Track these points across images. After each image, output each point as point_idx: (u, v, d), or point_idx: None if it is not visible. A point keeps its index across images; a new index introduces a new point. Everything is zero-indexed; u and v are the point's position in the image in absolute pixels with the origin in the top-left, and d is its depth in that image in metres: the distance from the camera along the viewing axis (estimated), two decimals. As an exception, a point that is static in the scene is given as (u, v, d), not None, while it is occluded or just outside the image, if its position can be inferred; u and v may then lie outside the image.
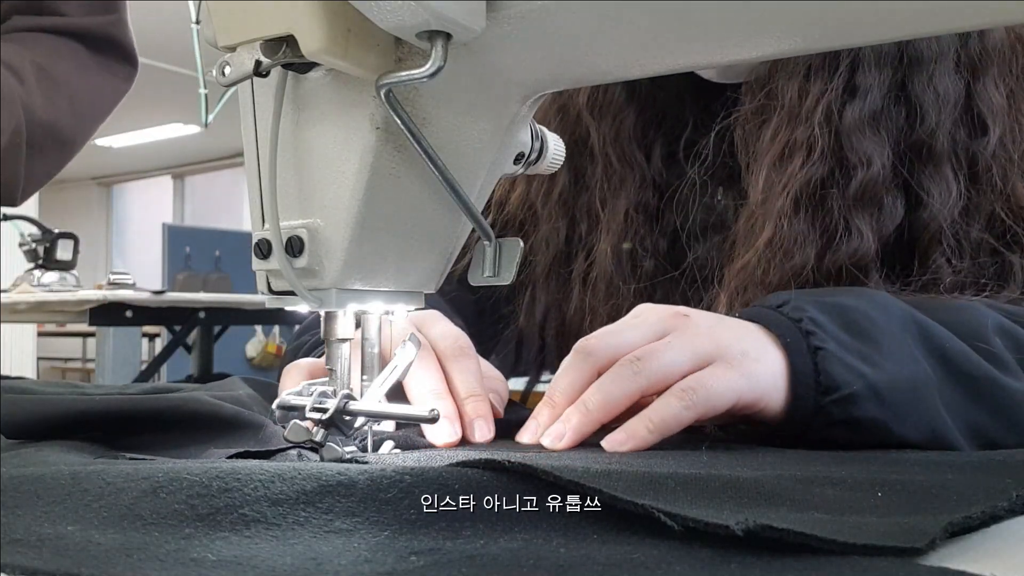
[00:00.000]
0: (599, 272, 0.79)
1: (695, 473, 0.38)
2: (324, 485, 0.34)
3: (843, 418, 0.53)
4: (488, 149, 0.49)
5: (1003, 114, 0.70)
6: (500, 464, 0.36)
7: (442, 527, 0.33)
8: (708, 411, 0.52)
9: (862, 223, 0.68)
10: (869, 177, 0.68)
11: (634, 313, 0.58)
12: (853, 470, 0.43)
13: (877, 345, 0.54)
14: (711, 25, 0.41)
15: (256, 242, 0.46)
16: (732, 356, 0.53)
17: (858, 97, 0.69)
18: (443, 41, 0.39)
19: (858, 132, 0.69)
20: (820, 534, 0.29)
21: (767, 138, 0.71)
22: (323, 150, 0.45)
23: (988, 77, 0.71)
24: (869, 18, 0.39)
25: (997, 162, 0.70)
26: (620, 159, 0.79)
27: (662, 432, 0.51)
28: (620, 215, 0.78)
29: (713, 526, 0.30)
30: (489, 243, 0.51)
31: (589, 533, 0.33)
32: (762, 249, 0.69)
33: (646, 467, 0.42)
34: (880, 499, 0.37)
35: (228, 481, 0.34)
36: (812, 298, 0.57)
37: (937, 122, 0.69)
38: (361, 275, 0.46)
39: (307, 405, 0.48)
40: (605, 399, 0.52)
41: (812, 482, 0.38)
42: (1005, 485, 0.38)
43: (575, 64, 0.45)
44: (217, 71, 0.43)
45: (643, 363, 0.52)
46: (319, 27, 0.39)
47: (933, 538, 0.30)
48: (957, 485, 0.38)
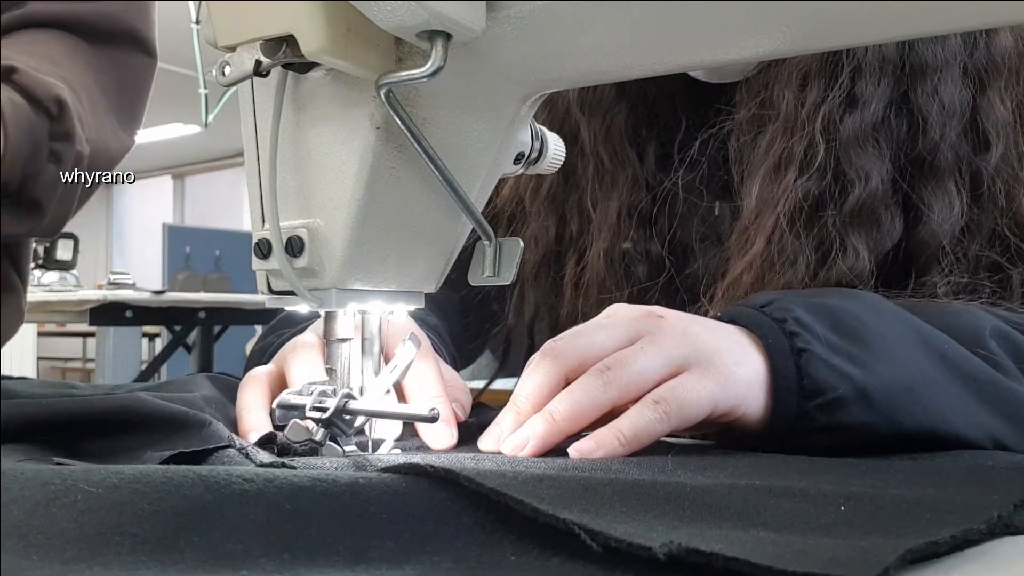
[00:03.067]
0: (591, 275, 0.77)
1: (640, 480, 0.35)
2: (226, 496, 0.30)
3: (828, 423, 0.50)
4: (488, 149, 0.49)
5: (1007, 128, 0.67)
6: (423, 469, 0.32)
7: (347, 546, 0.29)
8: (683, 422, 0.49)
9: (858, 241, 0.65)
10: (867, 193, 0.65)
11: (606, 313, 0.56)
12: (821, 479, 0.40)
13: (868, 346, 0.52)
14: (712, 25, 0.41)
15: (256, 242, 0.46)
16: (708, 361, 0.51)
17: (858, 108, 0.66)
18: (443, 41, 0.39)
19: (857, 145, 0.66)
20: (754, 559, 0.26)
21: (762, 149, 0.69)
22: (323, 150, 0.45)
23: (994, 89, 0.68)
24: (871, 17, 0.39)
25: (1001, 178, 0.67)
26: (612, 158, 0.77)
27: (633, 445, 0.48)
28: (612, 216, 0.76)
29: (636, 547, 0.27)
30: (489, 243, 0.51)
31: (507, 551, 0.30)
32: (754, 265, 0.67)
33: (594, 470, 0.40)
34: (842, 514, 0.33)
35: (124, 492, 0.30)
36: (800, 298, 0.55)
37: (941, 135, 0.66)
38: (361, 275, 0.46)
39: (307, 404, 0.48)
40: (572, 409, 0.49)
41: (770, 492, 0.35)
42: (989, 502, 0.34)
43: (575, 64, 0.45)
44: (217, 71, 0.43)
45: (614, 372, 0.50)
46: (319, 27, 0.39)
47: (886, 568, 0.27)
48: (933, 501, 0.35)
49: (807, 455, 0.50)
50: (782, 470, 0.44)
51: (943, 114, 0.67)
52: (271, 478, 0.31)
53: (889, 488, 0.38)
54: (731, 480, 0.39)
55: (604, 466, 0.43)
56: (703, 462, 0.45)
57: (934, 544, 0.29)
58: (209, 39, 0.43)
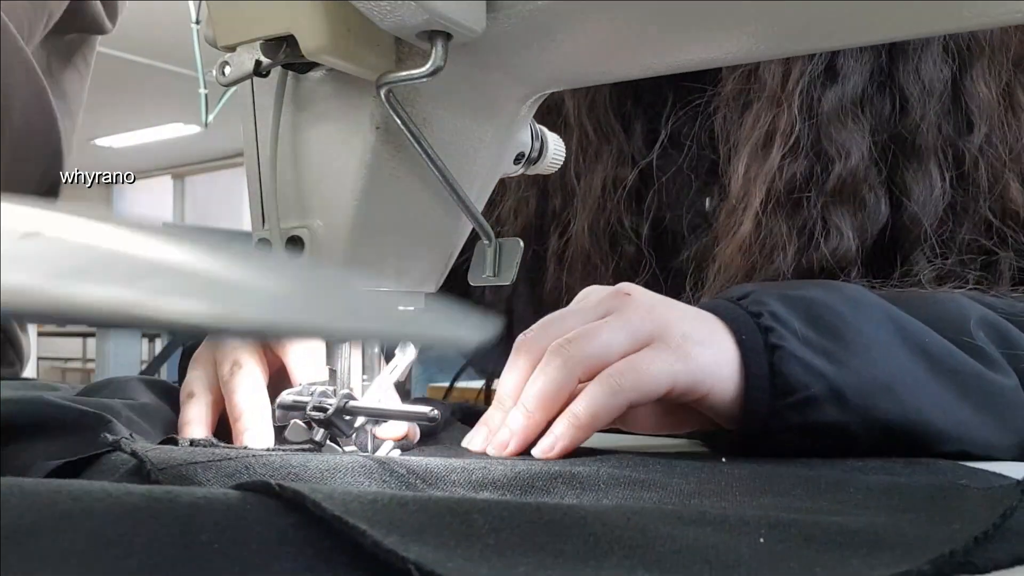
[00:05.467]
0: (576, 250, 0.75)
1: (526, 504, 0.30)
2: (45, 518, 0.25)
3: (800, 423, 0.49)
4: (488, 149, 0.49)
5: (992, 109, 0.66)
6: (271, 488, 0.28)
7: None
8: (640, 396, 0.47)
9: (842, 221, 0.64)
10: (847, 171, 0.64)
11: (578, 297, 0.55)
12: (747, 500, 0.37)
13: (845, 341, 0.50)
14: (713, 24, 0.41)
15: (256, 242, 0.46)
16: (671, 337, 0.49)
17: (838, 82, 0.65)
18: (443, 41, 0.39)
19: (837, 120, 0.65)
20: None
21: (748, 125, 0.68)
22: (323, 150, 0.45)
23: (977, 68, 0.66)
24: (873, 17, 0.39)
25: (986, 160, 0.65)
26: (596, 130, 0.75)
27: (592, 425, 0.47)
28: (597, 189, 0.75)
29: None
30: (489, 243, 0.51)
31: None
32: (742, 249, 0.66)
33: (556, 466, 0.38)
34: (756, 548, 0.28)
35: None
36: (777, 291, 0.53)
37: (922, 114, 0.65)
38: (361, 275, 0.46)
39: (308, 404, 0.48)
40: (541, 395, 0.48)
41: (679, 520, 0.30)
42: (945, 534, 0.29)
43: (575, 64, 0.45)
44: (217, 71, 0.43)
45: (574, 346, 0.48)
46: (319, 27, 0.39)
47: None
48: (877, 532, 0.30)
49: (782, 455, 0.49)
50: (725, 482, 0.41)
51: (924, 93, 0.65)
52: (103, 496, 0.26)
53: (830, 515, 0.33)
54: (650, 496, 0.37)
55: (565, 462, 0.42)
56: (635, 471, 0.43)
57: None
58: (209, 39, 0.43)
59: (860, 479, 0.41)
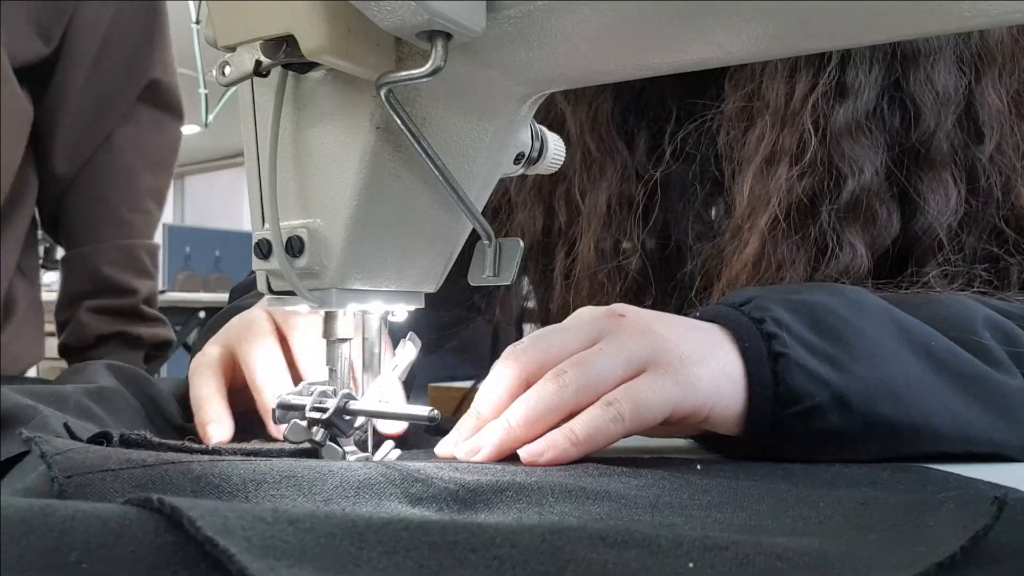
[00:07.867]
0: (582, 268, 0.75)
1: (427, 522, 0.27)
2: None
3: (804, 432, 0.49)
4: (488, 149, 0.49)
5: (1002, 118, 0.66)
6: (151, 503, 0.26)
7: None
8: (639, 424, 0.47)
9: (855, 238, 0.63)
10: (860, 187, 0.63)
11: (571, 316, 0.54)
12: (702, 515, 0.36)
13: (848, 346, 0.50)
14: (713, 23, 0.41)
15: (256, 242, 0.46)
16: (668, 361, 0.49)
17: (849, 97, 0.64)
18: (443, 41, 0.39)
19: (849, 136, 0.64)
20: None
21: (752, 143, 0.67)
22: (323, 150, 0.45)
23: (988, 77, 0.66)
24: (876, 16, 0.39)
25: (996, 168, 0.65)
26: (599, 147, 0.75)
27: (587, 447, 0.47)
28: (602, 207, 0.74)
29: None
30: (489, 243, 0.51)
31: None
32: (749, 266, 0.65)
33: (523, 476, 0.37)
34: (680, 574, 0.26)
35: None
36: (779, 295, 0.53)
37: (936, 123, 0.64)
38: (361, 275, 0.46)
39: (307, 404, 0.48)
40: (529, 415, 0.48)
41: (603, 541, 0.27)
42: (907, 559, 0.27)
43: (575, 64, 0.45)
44: (217, 71, 0.43)
45: (571, 375, 0.48)
46: (319, 27, 0.39)
47: None
48: (826, 556, 0.27)
49: (767, 460, 0.49)
50: (687, 495, 0.39)
51: (937, 102, 0.65)
52: None
53: (790, 533, 0.31)
54: (597, 510, 0.37)
55: (518, 471, 0.42)
56: (621, 473, 0.43)
57: None
58: (209, 39, 0.43)
59: (831, 494, 0.39)
